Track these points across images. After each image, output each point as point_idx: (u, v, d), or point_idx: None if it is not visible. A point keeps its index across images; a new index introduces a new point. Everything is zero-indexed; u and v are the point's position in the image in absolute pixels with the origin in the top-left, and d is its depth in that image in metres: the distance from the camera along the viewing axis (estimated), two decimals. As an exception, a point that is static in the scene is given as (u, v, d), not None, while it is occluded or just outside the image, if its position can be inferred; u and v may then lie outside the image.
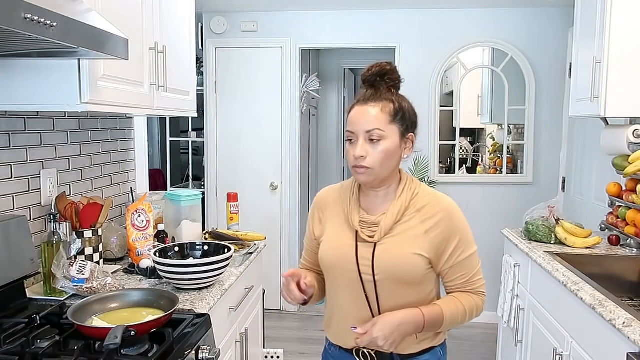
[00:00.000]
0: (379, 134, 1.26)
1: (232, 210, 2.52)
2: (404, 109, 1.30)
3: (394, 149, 1.28)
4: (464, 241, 1.31)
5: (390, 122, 1.27)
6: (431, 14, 3.87)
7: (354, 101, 1.33)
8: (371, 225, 1.31)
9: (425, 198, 1.32)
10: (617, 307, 1.57)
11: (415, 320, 1.25)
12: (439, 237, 1.29)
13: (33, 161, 1.83)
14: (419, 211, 1.30)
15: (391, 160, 1.28)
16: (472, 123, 4.60)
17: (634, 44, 2.18)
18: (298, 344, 3.62)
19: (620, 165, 2.33)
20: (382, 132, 1.26)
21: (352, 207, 1.35)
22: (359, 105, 1.30)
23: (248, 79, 4.08)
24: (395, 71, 1.32)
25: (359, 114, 1.28)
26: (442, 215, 1.30)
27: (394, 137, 1.28)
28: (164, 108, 2.04)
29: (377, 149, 1.26)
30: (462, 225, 1.32)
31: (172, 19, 2.10)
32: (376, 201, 1.35)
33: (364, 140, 1.26)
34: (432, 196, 1.33)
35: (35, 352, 1.25)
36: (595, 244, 2.33)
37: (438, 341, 1.38)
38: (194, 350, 1.40)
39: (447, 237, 1.29)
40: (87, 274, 1.60)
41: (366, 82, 1.33)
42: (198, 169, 4.49)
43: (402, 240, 1.28)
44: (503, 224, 3.27)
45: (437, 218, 1.29)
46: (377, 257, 1.28)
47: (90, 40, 1.24)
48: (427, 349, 1.35)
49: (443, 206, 1.31)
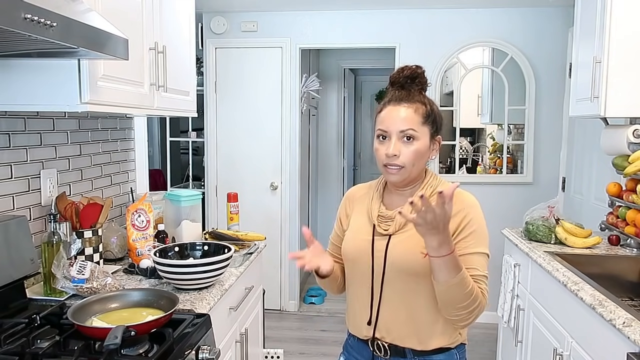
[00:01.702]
0: (412, 134, 1.29)
1: (232, 210, 2.52)
2: (435, 112, 1.34)
3: (424, 149, 1.31)
4: (477, 236, 1.29)
5: (423, 123, 1.31)
6: (431, 14, 3.87)
7: (384, 101, 1.35)
8: (387, 220, 1.34)
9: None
10: (617, 307, 1.57)
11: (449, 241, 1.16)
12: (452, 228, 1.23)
13: (33, 161, 1.83)
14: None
15: (421, 160, 1.32)
16: (472, 123, 4.60)
17: (634, 44, 2.18)
18: (298, 344, 3.62)
19: (620, 165, 2.33)
20: (416, 132, 1.29)
21: (373, 202, 1.39)
22: (392, 105, 1.32)
23: (248, 79, 4.08)
24: (424, 75, 1.35)
25: (393, 114, 1.31)
26: (461, 209, 1.28)
27: (425, 138, 1.31)
28: (164, 108, 2.04)
29: (410, 149, 1.29)
30: (479, 221, 1.31)
31: (172, 19, 2.10)
32: (399, 199, 1.37)
33: (397, 139, 1.29)
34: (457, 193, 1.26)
35: (35, 352, 1.25)
36: (595, 244, 2.33)
37: (454, 342, 1.35)
38: (194, 351, 1.40)
39: (462, 227, 1.28)
40: (87, 274, 1.60)
41: (396, 84, 1.35)
42: (198, 169, 4.49)
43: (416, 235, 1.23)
44: (503, 224, 3.26)
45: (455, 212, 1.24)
46: (389, 249, 1.31)
47: (90, 40, 1.24)
48: (441, 349, 1.33)
49: (464, 203, 1.31)
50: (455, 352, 1.36)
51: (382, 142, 1.31)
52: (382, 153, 1.30)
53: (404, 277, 1.30)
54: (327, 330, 3.86)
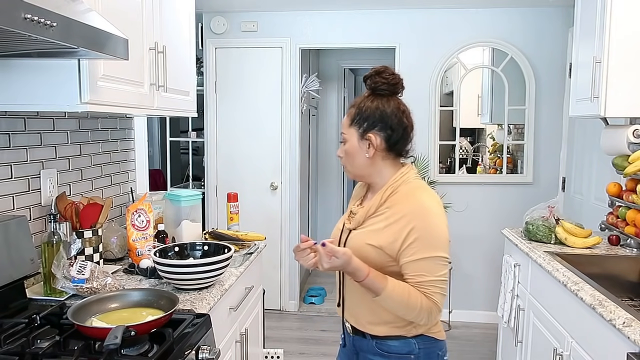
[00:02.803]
0: (344, 137, 1.43)
1: (232, 210, 2.52)
2: (363, 111, 1.39)
3: (352, 149, 1.41)
4: (421, 242, 1.31)
5: (350, 125, 1.41)
6: (431, 14, 3.87)
7: None
8: (353, 216, 1.48)
9: (400, 197, 1.38)
10: (617, 307, 1.57)
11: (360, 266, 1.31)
12: (396, 233, 1.33)
13: (33, 161, 1.83)
14: (390, 208, 1.38)
15: (355, 159, 1.41)
16: (472, 123, 4.59)
17: (634, 44, 2.18)
18: (298, 344, 3.62)
19: (620, 165, 2.33)
20: (344, 135, 1.42)
21: (354, 197, 1.55)
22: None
23: (248, 79, 4.08)
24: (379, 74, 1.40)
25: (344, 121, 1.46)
26: (406, 213, 1.33)
27: (353, 139, 1.41)
28: (164, 108, 2.04)
29: (343, 150, 1.44)
30: (426, 227, 1.32)
31: (172, 19, 2.10)
32: (371, 195, 1.49)
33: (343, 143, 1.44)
34: (407, 196, 1.37)
35: (35, 352, 1.25)
36: (595, 244, 2.33)
37: (407, 332, 1.41)
38: (194, 351, 1.40)
39: (405, 234, 1.32)
40: (87, 274, 1.60)
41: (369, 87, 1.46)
42: (198, 169, 4.49)
43: (365, 232, 1.39)
44: (503, 224, 3.27)
45: (400, 215, 1.33)
46: (347, 242, 1.44)
47: (90, 40, 1.24)
48: (397, 336, 1.41)
49: (411, 207, 1.34)
50: (414, 341, 1.41)
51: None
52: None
53: None
54: (327, 330, 3.86)
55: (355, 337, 1.48)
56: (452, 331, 3.88)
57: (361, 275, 1.30)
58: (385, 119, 1.38)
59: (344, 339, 1.57)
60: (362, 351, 1.47)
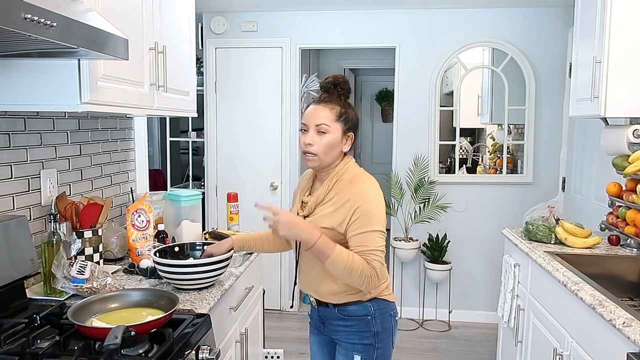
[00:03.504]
0: (325, 128, 1.60)
1: (232, 210, 2.51)
2: (348, 113, 1.64)
3: (335, 141, 1.61)
4: (364, 219, 1.54)
5: (335, 120, 1.61)
6: (431, 14, 3.87)
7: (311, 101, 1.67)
8: (305, 205, 1.67)
9: (344, 184, 1.61)
10: (617, 307, 1.57)
11: (311, 231, 1.52)
12: (343, 214, 1.56)
13: (33, 161, 1.83)
14: (337, 194, 1.60)
15: (333, 150, 1.61)
16: (472, 123, 4.60)
17: (634, 44, 2.18)
18: (298, 344, 3.62)
19: (620, 165, 2.33)
20: (328, 127, 1.60)
21: (302, 188, 1.75)
22: (314, 104, 1.65)
23: (248, 79, 4.08)
24: (346, 83, 1.66)
25: (312, 111, 1.63)
26: (350, 197, 1.56)
27: (337, 133, 1.61)
28: (164, 108, 2.04)
29: (323, 140, 1.59)
30: (365, 207, 1.55)
31: (172, 19, 2.10)
32: (318, 184, 1.69)
33: (314, 132, 1.60)
34: (350, 182, 1.60)
35: (35, 352, 1.25)
36: (595, 244, 2.33)
37: (362, 296, 1.65)
38: (194, 350, 1.40)
39: (351, 214, 1.55)
40: (87, 274, 1.60)
41: (322, 88, 1.67)
42: (198, 169, 4.49)
43: (318, 218, 1.61)
44: (503, 224, 3.27)
45: (345, 200, 1.57)
46: None
47: (90, 40, 1.24)
48: (355, 302, 1.65)
49: (354, 192, 1.57)
50: (369, 304, 1.66)
51: (303, 134, 1.63)
52: (302, 142, 1.62)
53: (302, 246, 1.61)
54: (327, 330, 3.85)
55: (320, 308, 1.72)
56: (452, 331, 3.88)
57: (314, 237, 1.51)
58: (358, 124, 1.69)
59: (310, 313, 1.82)
60: (327, 319, 1.71)
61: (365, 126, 7.02)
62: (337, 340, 1.72)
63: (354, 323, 1.66)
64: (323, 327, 1.75)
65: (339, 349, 1.71)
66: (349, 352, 1.67)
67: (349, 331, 1.67)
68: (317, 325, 1.79)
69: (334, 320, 1.69)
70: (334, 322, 1.69)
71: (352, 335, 1.67)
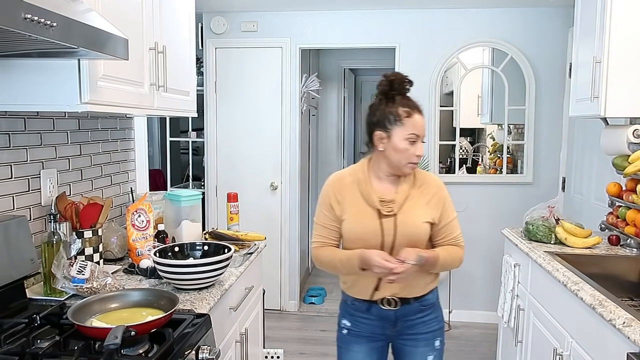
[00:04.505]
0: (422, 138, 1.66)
1: (232, 210, 2.52)
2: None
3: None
4: (448, 208, 1.71)
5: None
6: (431, 14, 3.87)
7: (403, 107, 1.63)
8: (389, 203, 1.65)
9: (422, 178, 1.72)
10: (617, 307, 1.57)
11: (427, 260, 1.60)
12: (436, 205, 1.68)
13: (33, 161, 1.83)
14: (419, 188, 1.69)
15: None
16: (472, 123, 4.59)
17: (634, 44, 2.18)
18: (298, 344, 3.62)
19: (620, 165, 2.33)
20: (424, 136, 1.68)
21: (370, 191, 1.68)
22: (418, 113, 1.65)
23: (248, 79, 4.08)
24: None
25: (421, 122, 1.64)
26: (436, 189, 1.70)
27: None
28: (164, 108, 2.04)
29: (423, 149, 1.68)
30: (447, 196, 1.72)
31: (172, 19, 2.10)
32: (389, 185, 1.70)
33: (420, 143, 1.64)
34: (426, 176, 1.73)
35: (35, 352, 1.25)
36: (595, 244, 2.33)
37: (438, 283, 1.80)
38: (194, 350, 1.40)
39: (442, 204, 1.69)
40: (87, 274, 1.60)
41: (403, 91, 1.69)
42: (198, 169, 4.49)
43: (414, 212, 1.66)
44: (503, 224, 3.26)
45: (433, 192, 1.69)
46: (399, 225, 1.64)
47: (90, 40, 1.24)
48: (431, 290, 1.76)
49: (436, 183, 1.72)
50: (436, 290, 1.80)
51: (412, 144, 1.62)
52: (413, 153, 1.62)
53: (410, 244, 1.62)
54: (327, 330, 3.85)
55: (400, 307, 1.72)
56: (452, 331, 3.88)
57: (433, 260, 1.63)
58: None
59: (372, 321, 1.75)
60: (405, 317, 1.73)
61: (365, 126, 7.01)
62: (410, 337, 1.75)
63: (430, 311, 1.76)
64: (392, 328, 1.74)
65: (414, 343, 1.75)
66: (430, 340, 1.76)
67: (426, 320, 1.75)
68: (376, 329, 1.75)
69: (412, 315, 1.73)
70: (412, 317, 1.73)
71: (430, 323, 1.76)
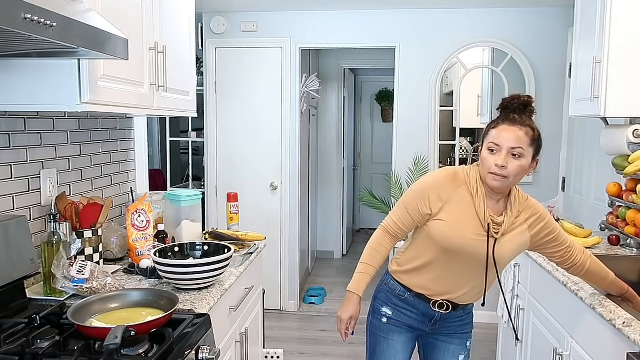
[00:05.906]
0: (521, 152, 1.55)
1: (232, 210, 2.52)
2: (539, 137, 1.60)
3: (526, 166, 1.58)
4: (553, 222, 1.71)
5: (530, 145, 1.56)
6: (431, 14, 3.87)
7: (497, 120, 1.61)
8: (496, 225, 1.63)
9: (525, 202, 1.69)
10: (617, 307, 1.57)
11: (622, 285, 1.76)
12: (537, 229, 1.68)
13: (33, 161, 1.83)
14: (523, 212, 1.68)
15: (522, 175, 1.59)
16: (472, 123, 4.59)
17: (634, 44, 2.18)
18: (298, 344, 3.62)
19: (620, 165, 2.33)
20: (524, 151, 1.55)
21: (484, 206, 1.64)
22: (507, 125, 1.57)
23: (248, 79, 4.08)
24: (533, 103, 1.63)
25: (507, 132, 1.56)
26: (538, 214, 1.69)
27: (529, 157, 1.57)
28: (164, 108, 2.04)
29: (516, 164, 1.55)
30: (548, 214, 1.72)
31: (172, 19, 2.10)
32: (495, 204, 1.66)
33: (507, 154, 1.55)
34: (527, 199, 1.71)
35: (35, 352, 1.25)
36: (595, 243, 2.33)
37: None
38: (194, 351, 1.40)
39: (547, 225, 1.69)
40: (87, 274, 1.60)
41: (509, 109, 1.61)
42: (198, 169, 4.49)
43: (515, 237, 1.66)
44: (503, 224, 3.26)
45: (535, 217, 1.68)
46: (497, 249, 1.64)
47: (90, 40, 1.24)
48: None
49: (537, 208, 1.71)
50: None
51: (492, 153, 1.57)
52: (492, 162, 1.56)
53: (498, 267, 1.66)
54: (327, 330, 3.86)
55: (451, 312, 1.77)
56: (452, 331, 3.87)
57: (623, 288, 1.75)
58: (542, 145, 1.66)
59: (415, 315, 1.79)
60: (447, 319, 1.79)
61: (365, 126, 7.02)
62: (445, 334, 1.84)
63: (467, 314, 1.85)
64: (431, 326, 1.80)
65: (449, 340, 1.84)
66: (463, 340, 1.86)
67: (463, 323, 1.84)
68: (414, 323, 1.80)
69: (454, 318, 1.80)
70: (452, 320, 1.81)
71: (466, 325, 1.85)
